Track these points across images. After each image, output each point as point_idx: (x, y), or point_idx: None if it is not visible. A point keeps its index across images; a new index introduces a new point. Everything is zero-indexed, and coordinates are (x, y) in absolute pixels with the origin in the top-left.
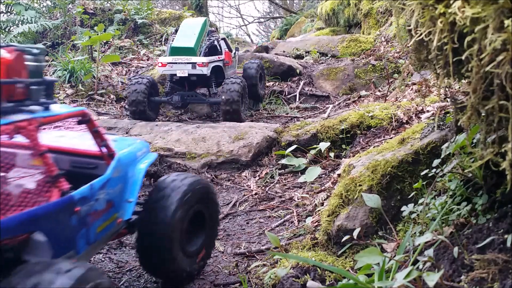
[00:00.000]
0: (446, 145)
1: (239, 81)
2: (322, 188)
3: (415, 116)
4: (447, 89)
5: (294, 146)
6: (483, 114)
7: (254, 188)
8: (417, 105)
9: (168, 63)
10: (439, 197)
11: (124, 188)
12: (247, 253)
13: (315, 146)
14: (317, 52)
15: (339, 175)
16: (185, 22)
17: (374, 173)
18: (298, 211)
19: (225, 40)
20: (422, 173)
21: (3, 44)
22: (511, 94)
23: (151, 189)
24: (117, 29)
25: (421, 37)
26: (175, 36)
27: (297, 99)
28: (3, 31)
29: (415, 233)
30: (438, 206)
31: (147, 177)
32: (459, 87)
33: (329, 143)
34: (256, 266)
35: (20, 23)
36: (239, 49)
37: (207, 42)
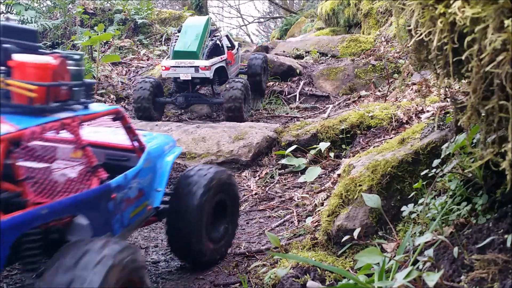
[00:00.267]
0: (446, 145)
1: (242, 81)
2: (322, 188)
3: (415, 116)
4: (447, 89)
5: (294, 146)
6: (483, 114)
7: (254, 188)
8: (417, 105)
9: (172, 66)
10: (439, 197)
11: (153, 179)
12: (247, 253)
13: (315, 146)
14: (317, 52)
15: (339, 175)
16: (188, 22)
17: (374, 173)
18: (298, 211)
19: (228, 37)
20: (422, 173)
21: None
22: (511, 94)
23: (178, 178)
24: (117, 29)
25: (421, 37)
26: (177, 37)
27: (297, 99)
28: None
29: (415, 233)
30: (438, 206)
31: None
32: (459, 87)
33: (329, 143)
34: (256, 266)
35: (20, 23)
36: (241, 45)
37: (209, 43)
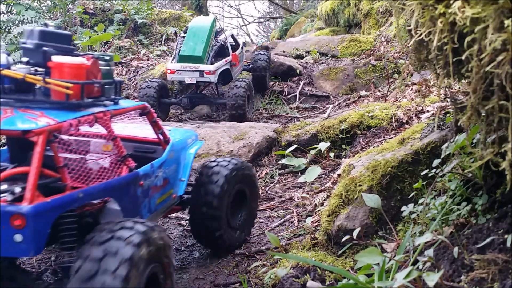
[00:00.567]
0: (446, 145)
1: (246, 81)
2: (322, 188)
3: (415, 116)
4: (447, 89)
5: (294, 146)
6: (483, 114)
7: None
8: (417, 105)
9: (177, 70)
10: (439, 197)
11: (177, 169)
12: (247, 253)
13: (315, 146)
14: (317, 52)
15: (339, 175)
16: (193, 23)
17: (374, 173)
18: (298, 211)
19: (232, 36)
20: (422, 173)
21: (3, 43)
22: (511, 94)
23: (200, 169)
24: (117, 29)
25: (421, 37)
26: (183, 39)
27: (297, 99)
28: (3, 31)
29: (415, 233)
30: (438, 206)
31: None
32: (459, 87)
33: (329, 143)
34: (256, 266)
35: (20, 23)
36: (246, 44)
37: (214, 46)
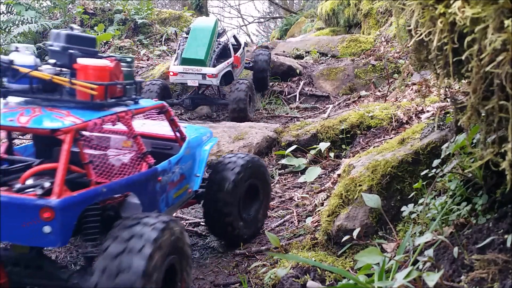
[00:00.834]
0: (446, 145)
1: (246, 82)
2: (322, 188)
3: (415, 116)
4: (447, 89)
5: (294, 146)
6: (483, 114)
7: None
8: (417, 105)
9: (179, 72)
10: (439, 197)
11: (193, 165)
12: (247, 253)
13: (315, 146)
14: (317, 52)
15: (339, 175)
16: (196, 24)
17: (374, 173)
18: (298, 211)
19: (234, 36)
20: (422, 173)
21: (3, 43)
22: (511, 94)
23: (213, 165)
24: (117, 29)
25: (421, 37)
26: (185, 40)
27: (297, 99)
28: (3, 31)
29: (415, 233)
30: (438, 206)
31: None
32: (459, 87)
33: (329, 143)
34: (256, 266)
35: (20, 23)
36: (247, 44)
37: (216, 48)
